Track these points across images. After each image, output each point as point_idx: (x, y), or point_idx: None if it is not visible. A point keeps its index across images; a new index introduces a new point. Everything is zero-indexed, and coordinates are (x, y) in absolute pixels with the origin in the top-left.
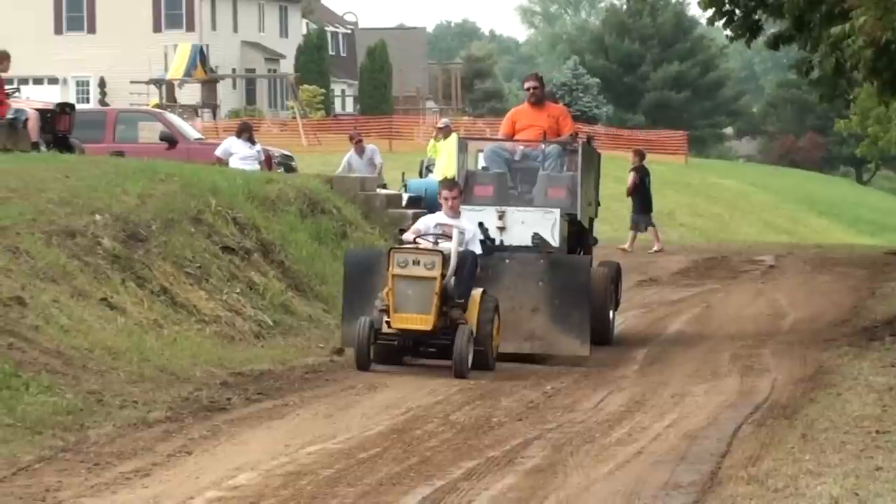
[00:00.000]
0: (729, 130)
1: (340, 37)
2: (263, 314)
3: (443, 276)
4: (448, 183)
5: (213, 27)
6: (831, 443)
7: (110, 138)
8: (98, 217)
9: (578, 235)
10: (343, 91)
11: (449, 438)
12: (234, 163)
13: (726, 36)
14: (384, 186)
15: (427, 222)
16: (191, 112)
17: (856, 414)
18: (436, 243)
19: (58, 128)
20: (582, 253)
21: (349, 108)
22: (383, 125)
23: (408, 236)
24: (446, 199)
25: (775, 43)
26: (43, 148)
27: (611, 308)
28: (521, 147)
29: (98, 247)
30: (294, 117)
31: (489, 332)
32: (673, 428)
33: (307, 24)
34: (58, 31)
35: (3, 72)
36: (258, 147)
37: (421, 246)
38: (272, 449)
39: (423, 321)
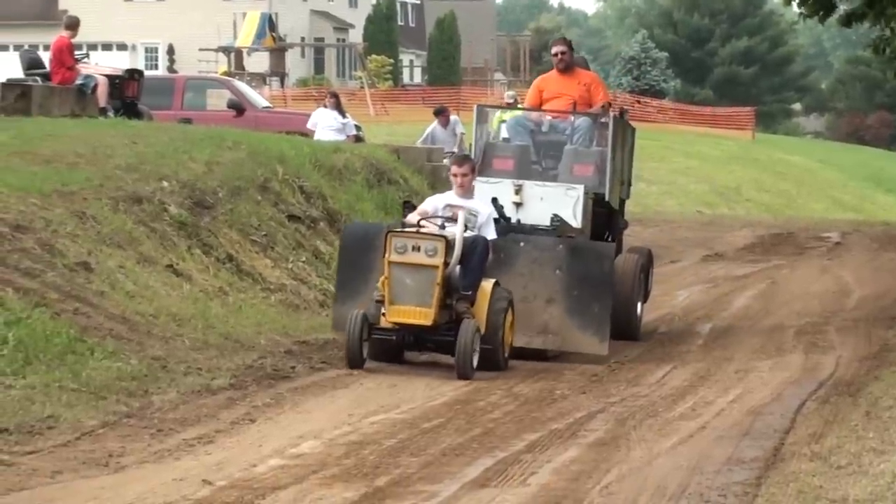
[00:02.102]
0: (797, 106)
1: (410, 7)
2: (328, 283)
3: (446, 264)
4: (458, 158)
5: None
6: (895, 421)
7: (178, 105)
8: (165, 183)
9: (607, 218)
10: (411, 61)
11: (512, 410)
12: (318, 133)
13: (799, 14)
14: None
15: (436, 203)
16: (259, 80)
17: None
18: (443, 227)
19: (126, 94)
20: (610, 238)
21: (417, 78)
22: (452, 96)
23: (412, 218)
24: (455, 175)
25: (847, 20)
26: (111, 114)
27: (639, 300)
28: (549, 118)
29: (165, 213)
30: (362, 87)
31: (500, 328)
32: (737, 403)
33: None
34: None
35: (72, 38)
36: (347, 120)
37: (423, 230)
38: (335, 418)
39: (422, 315)
